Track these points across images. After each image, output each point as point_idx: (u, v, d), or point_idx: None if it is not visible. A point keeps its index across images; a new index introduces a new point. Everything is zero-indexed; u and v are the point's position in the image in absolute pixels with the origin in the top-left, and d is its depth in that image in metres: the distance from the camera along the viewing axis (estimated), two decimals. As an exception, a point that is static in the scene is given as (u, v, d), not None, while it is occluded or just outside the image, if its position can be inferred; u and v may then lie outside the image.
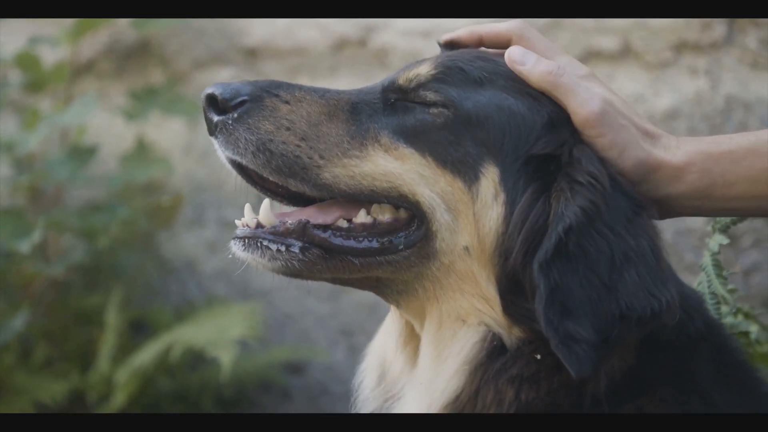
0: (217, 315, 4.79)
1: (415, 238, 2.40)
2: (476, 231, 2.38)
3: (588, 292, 2.29)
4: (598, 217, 2.31)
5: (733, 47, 4.02)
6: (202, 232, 5.25)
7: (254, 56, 5.13)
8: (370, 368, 2.60)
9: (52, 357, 5.07)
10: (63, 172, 4.99)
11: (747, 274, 3.95)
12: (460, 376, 2.37)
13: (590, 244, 2.30)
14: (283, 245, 2.39)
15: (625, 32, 4.19)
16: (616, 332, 2.28)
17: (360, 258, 2.40)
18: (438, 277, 2.40)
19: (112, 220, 4.99)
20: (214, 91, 2.43)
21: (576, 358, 2.26)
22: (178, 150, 5.32)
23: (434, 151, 2.40)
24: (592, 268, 2.30)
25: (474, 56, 2.55)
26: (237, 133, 2.40)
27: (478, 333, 2.37)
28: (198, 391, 5.00)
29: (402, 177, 2.39)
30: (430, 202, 2.39)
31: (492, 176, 2.38)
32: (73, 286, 5.22)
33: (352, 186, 2.39)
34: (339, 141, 2.41)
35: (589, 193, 2.32)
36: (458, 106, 2.42)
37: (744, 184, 2.45)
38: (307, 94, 2.47)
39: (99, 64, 5.53)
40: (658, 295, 2.30)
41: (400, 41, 4.70)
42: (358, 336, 4.87)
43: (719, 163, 2.44)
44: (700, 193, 2.46)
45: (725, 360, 2.48)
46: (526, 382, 2.33)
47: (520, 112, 2.43)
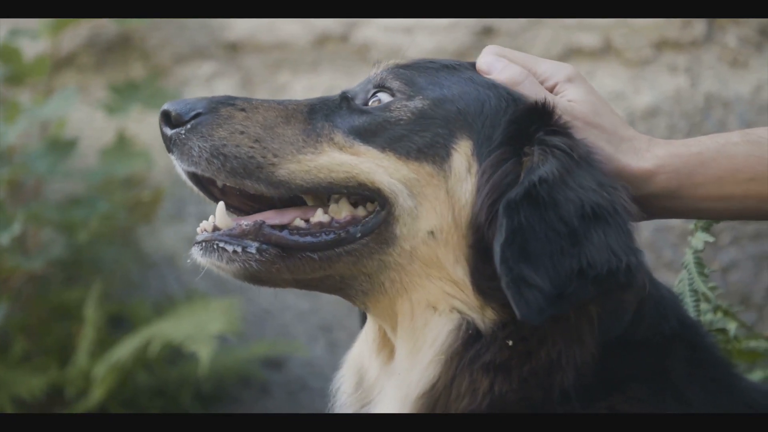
0: (197, 310, 4.79)
1: (373, 224, 2.39)
2: (451, 207, 2.38)
3: (552, 243, 2.28)
4: (571, 175, 2.32)
5: (712, 45, 4.03)
6: (183, 226, 5.24)
7: (236, 51, 5.13)
8: (347, 375, 2.58)
9: (30, 351, 5.05)
10: (43, 165, 4.97)
11: (725, 271, 3.97)
12: (435, 365, 2.36)
13: (562, 195, 2.30)
14: (240, 246, 2.38)
15: (606, 30, 4.20)
16: (572, 288, 2.27)
17: (318, 252, 2.38)
18: (402, 264, 2.39)
19: (91, 214, 4.98)
20: (167, 107, 2.44)
21: (525, 302, 2.25)
22: (159, 144, 5.21)
23: (395, 146, 2.41)
24: (562, 219, 2.29)
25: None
26: (190, 143, 2.40)
27: (451, 321, 2.36)
28: (177, 386, 4.99)
29: (359, 167, 2.40)
30: (390, 187, 2.39)
31: (465, 150, 2.40)
32: (53, 280, 5.20)
33: (309, 180, 2.40)
34: (294, 140, 2.42)
35: (563, 157, 2.34)
36: (427, 90, 2.45)
37: (711, 186, 2.47)
38: (265, 103, 2.49)
39: (80, 57, 5.51)
40: (619, 254, 2.28)
41: (382, 36, 4.70)
42: (337, 331, 4.87)
43: (688, 165, 2.46)
44: (670, 194, 2.47)
45: (701, 358, 2.47)
46: (500, 370, 2.32)
47: (499, 87, 2.47)
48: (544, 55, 4.28)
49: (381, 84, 2.49)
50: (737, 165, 2.46)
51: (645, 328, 2.42)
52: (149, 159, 5.09)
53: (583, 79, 2.55)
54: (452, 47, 4.51)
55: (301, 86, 4.95)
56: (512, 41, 4.37)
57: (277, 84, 5.02)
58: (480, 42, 4.47)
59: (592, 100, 2.50)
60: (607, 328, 2.38)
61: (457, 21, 4.49)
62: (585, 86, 2.53)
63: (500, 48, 2.60)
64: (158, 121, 2.48)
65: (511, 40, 4.38)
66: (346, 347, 2.65)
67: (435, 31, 4.56)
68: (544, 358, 2.32)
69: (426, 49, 4.56)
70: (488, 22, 4.43)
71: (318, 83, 4.90)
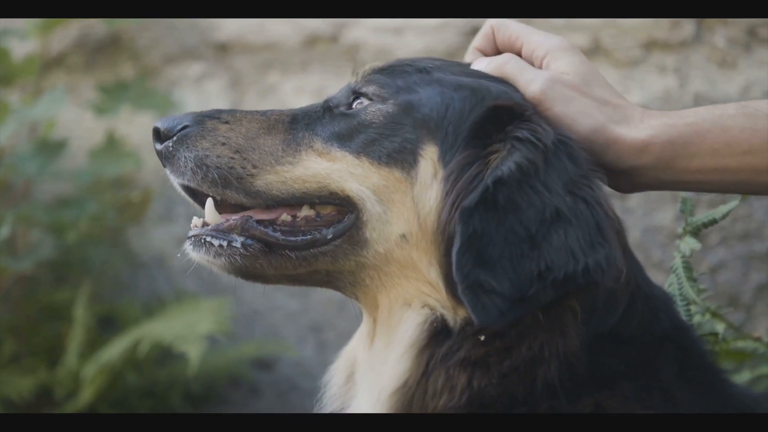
0: (186, 310, 4.78)
1: (343, 228, 2.45)
2: (416, 214, 2.41)
3: (512, 247, 2.30)
4: (534, 174, 2.33)
5: (701, 46, 4.04)
6: (172, 227, 5.24)
7: (225, 51, 5.12)
8: (340, 367, 2.62)
9: (19, 352, 5.04)
10: (32, 166, 4.96)
11: (714, 271, 3.97)
12: (405, 360, 2.40)
13: (522, 198, 2.31)
14: (226, 241, 2.45)
15: (595, 30, 4.20)
16: (533, 291, 2.28)
17: (295, 252, 2.45)
18: (378, 265, 2.44)
19: (81, 215, 4.97)
20: (157, 124, 2.54)
21: (482, 306, 2.28)
22: (148, 145, 5.23)
23: (368, 150, 2.45)
24: (521, 222, 2.30)
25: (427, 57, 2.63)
26: (177, 154, 2.49)
27: (420, 315, 2.40)
28: (166, 387, 4.99)
29: (330, 176, 2.45)
30: (358, 194, 2.43)
31: (431, 155, 2.42)
32: (42, 280, 5.19)
33: (284, 191, 2.46)
34: (273, 150, 2.49)
35: (528, 151, 2.34)
36: (398, 94, 2.48)
37: (706, 157, 2.46)
38: (249, 114, 2.57)
39: (69, 57, 5.50)
40: (579, 257, 2.29)
41: (372, 37, 4.70)
42: (327, 332, 4.87)
43: (682, 135, 2.45)
44: (664, 164, 2.46)
45: (691, 361, 2.48)
46: (477, 366, 2.34)
47: (466, 90, 2.48)
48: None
49: (358, 89, 2.54)
50: (733, 136, 2.45)
51: (635, 326, 2.43)
52: (138, 159, 5.09)
53: (574, 49, 2.56)
54: (441, 47, 4.51)
55: (290, 87, 4.95)
56: (501, 42, 4.38)
57: (267, 84, 5.02)
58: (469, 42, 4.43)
59: (584, 69, 2.51)
60: (596, 322, 2.39)
61: (446, 21, 4.49)
62: (577, 56, 2.54)
63: (499, 21, 2.64)
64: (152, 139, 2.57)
65: (500, 41, 4.38)
66: (336, 348, 2.67)
67: (424, 32, 4.57)
68: (525, 352, 2.34)
69: (415, 50, 4.57)
70: (477, 22, 4.43)
71: (307, 84, 4.90)
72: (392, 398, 2.41)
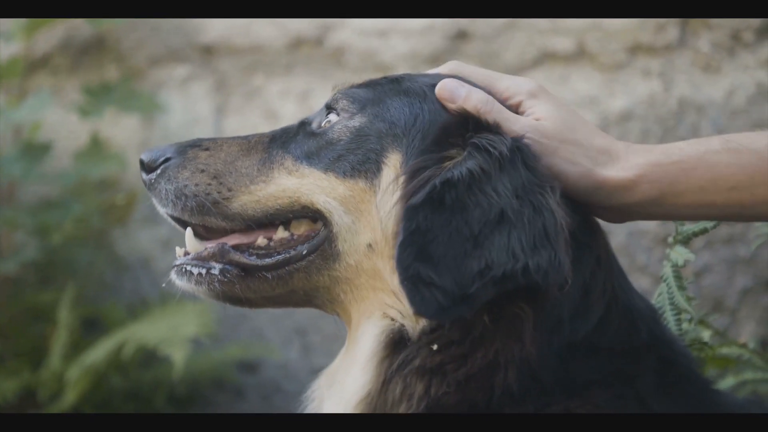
0: (171, 313, 4.78)
1: (317, 242, 2.49)
2: (379, 221, 2.44)
3: (456, 245, 2.31)
4: (486, 179, 2.34)
5: (686, 50, 4.05)
6: (157, 229, 5.23)
7: (210, 53, 5.12)
8: (322, 381, 2.63)
9: (3, 354, 5.03)
10: (16, 168, 4.95)
11: (698, 275, 3.98)
12: (365, 371, 2.42)
13: (470, 199, 2.33)
14: (204, 268, 2.53)
15: (580, 34, 4.21)
16: (474, 288, 2.29)
17: (272, 272, 2.50)
18: (350, 278, 2.48)
19: (65, 217, 4.97)
20: (142, 156, 2.61)
21: (421, 298, 2.30)
22: (133, 147, 5.29)
23: (334, 167, 2.49)
24: (466, 222, 2.32)
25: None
26: (160, 186, 2.57)
27: (378, 327, 2.43)
28: (151, 389, 4.98)
29: (300, 190, 2.50)
30: (326, 206, 2.48)
31: (394, 163, 2.45)
32: (26, 282, 5.18)
33: (259, 209, 2.52)
34: (249, 171, 2.56)
35: (482, 159, 2.35)
36: (365, 108, 2.53)
37: (693, 194, 2.47)
38: (231, 139, 2.64)
39: (54, 59, 5.49)
40: (519, 257, 2.30)
41: (357, 40, 4.71)
42: (311, 335, 4.86)
43: (669, 174, 2.46)
44: (652, 202, 2.47)
45: (672, 372, 2.47)
46: (434, 374, 2.36)
47: (431, 99, 2.50)
48: (518, 59, 4.31)
49: (331, 105, 2.58)
50: (718, 174, 2.46)
51: (611, 336, 2.43)
52: (123, 161, 5.08)
53: (546, 93, 2.53)
54: (427, 51, 4.51)
55: (275, 89, 4.95)
56: (486, 45, 4.38)
57: (252, 87, 5.01)
58: (454, 46, 4.47)
59: (561, 114, 2.49)
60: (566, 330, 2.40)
61: (431, 25, 4.50)
62: (551, 101, 2.51)
63: (459, 64, 2.60)
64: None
65: (485, 45, 4.39)
66: (321, 350, 2.69)
67: (409, 35, 4.57)
68: (480, 359, 2.35)
69: (401, 53, 4.57)
70: (463, 26, 4.44)
71: (292, 86, 4.90)
72: (356, 409, 2.43)
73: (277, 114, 4.91)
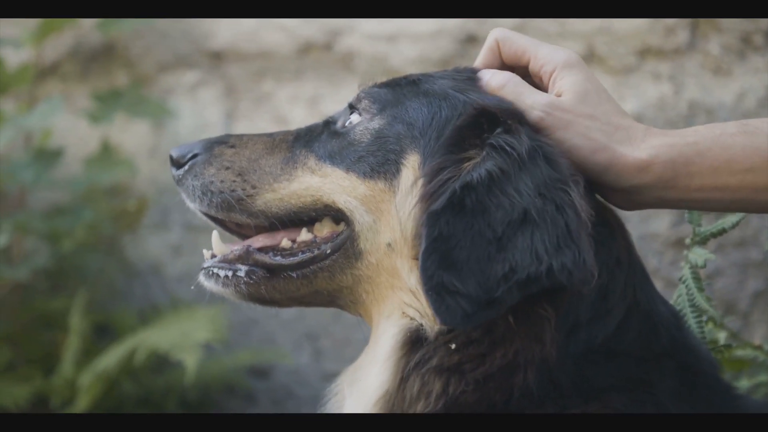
0: (182, 318, 4.79)
1: (340, 241, 2.53)
2: (398, 222, 2.46)
3: (479, 249, 2.31)
4: (506, 179, 2.34)
5: (695, 53, 4.05)
6: (167, 235, 5.24)
7: (219, 59, 5.13)
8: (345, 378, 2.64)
9: (15, 361, 5.04)
10: (27, 174, 4.96)
11: (710, 278, 3.98)
12: (384, 370, 2.45)
13: (491, 201, 2.33)
14: (231, 271, 2.58)
15: (589, 37, 4.21)
16: (500, 293, 2.29)
17: (296, 271, 2.55)
18: (371, 276, 2.51)
19: (76, 223, 4.98)
20: (171, 152, 2.68)
21: (446, 308, 2.30)
22: (143, 153, 5.30)
23: (356, 167, 2.53)
24: (489, 225, 2.32)
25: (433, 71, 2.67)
26: (188, 182, 2.65)
27: (396, 326, 2.46)
28: (162, 395, 4.98)
29: (322, 189, 2.55)
30: (347, 206, 2.52)
31: (413, 164, 2.47)
32: (37, 289, 5.19)
33: (282, 207, 2.58)
34: (272, 170, 2.61)
35: (501, 159, 2.36)
36: (385, 109, 2.55)
37: (707, 175, 2.46)
38: (256, 137, 2.69)
39: (63, 66, 5.50)
40: (543, 258, 2.30)
41: (366, 45, 4.71)
42: (323, 340, 4.87)
43: (683, 154, 2.46)
44: (665, 184, 2.47)
45: (693, 379, 2.47)
46: (452, 373, 2.37)
47: (449, 99, 2.52)
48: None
49: (354, 105, 2.61)
50: (733, 155, 2.46)
51: (631, 341, 2.43)
52: (133, 167, 5.09)
53: (581, 64, 2.55)
54: (436, 55, 4.51)
55: (284, 94, 4.95)
56: (496, 49, 4.38)
57: (261, 92, 5.02)
58: (464, 50, 4.48)
59: (585, 87, 2.50)
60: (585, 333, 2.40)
61: (440, 29, 4.50)
62: (582, 73, 2.53)
63: (504, 30, 2.63)
64: None
65: (495, 49, 4.38)
66: (332, 355, 2.70)
67: (418, 40, 4.57)
68: (499, 359, 2.36)
69: (409, 58, 4.57)
70: (472, 30, 4.44)
71: (301, 92, 4.91)
72: (375, 407, 2.45)
73: (287, 119, 4.92)
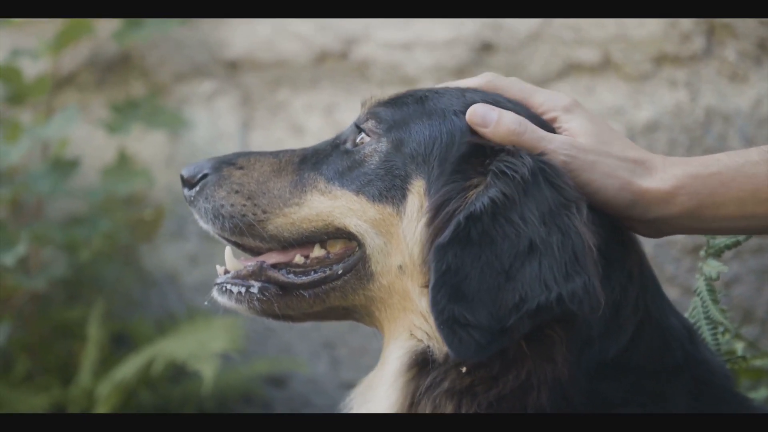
0: (199, 328, 4.79)
1: (352, 262, 2.53)
2: (406, 245, 2.46)
3: (489, 280, 2.31)
4: (510, 206, 2.34)
5: (712, 59, 4.04)
6: (184, 244, 5.24)
7: (235, 68, 5.14)
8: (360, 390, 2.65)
9: (32, 370, 5.05)
10: (45, 185, 4.98)
11: (727, 286, 3.96)
12: (392, 391, 2.46)
13: (497, 232, 2.33)
14: (244, 287, 2.59)
15: (605, 44, 4.20)
16: (512, 322, 2.29)
17: (309, 290, 2.56)
18: (383, 298, 2.51)
19: (93, 233, 4.99)
20: (182, 172, 2.68)
21: (459, 341, 2.30)
22: (160, 162, 5.31)
23: (365, 190, 2.52)
24: (496, 256, 2.32)
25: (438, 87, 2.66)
26: (199, 204, 2.65)
27: (403, 348, 2.47)
28: (180, 404, 4.98)
29: (332, 213, 2.54)
30: (358, 229, 2.52)
31: (418, 190, 2.47)
32: (55, 299, 5.21)
33: (294, 231, 2.58)
34: (281, 193, 2.61)
35: (504, 184, 2.35)
36: (391, 131, 2.55)
37: (732, 206, 2.45)
38: (262, 157, 2.68)
39: (80, 76, 5.52)
40: (552, 287, 2.30)
41: (381, 54, 4.71)
42: (340, 348, 4.86)
43: (707, 186, 2.45)
44: (690, 214, 2.46)
45: (708, 393, 2.46)
46: (464, 395, 2.37)
47: (455, 121, 2.51)
48: (543, 71, 4.30)
49: (359, 124, 2.61)
50: (758, 184, 2.44)
51: (643, 355, 2.43)
52: (150, 177, 5.10)
53: (581, 108, 2.55)
54: (451, 64, 4.51)
55: (300, 103, 4.96)
56: (511, 57, 4.38)
57: (277, 101, 5.03)
58: (479, 58, 4.47)
59: (596, 129, 2.50)
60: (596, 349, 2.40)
61: (456, 37, 4.50)
62: (585, 115, 2.52)
63: (496, 76, 2.62)
64: None
65: (509, 57, 4.38)
66: (349, 364, 2.70)
67: (434, 48, 4.57)
68: (512, 380, 2.36)
69: (425, 66, 4.57)
70: (487, 38, 4.44)
71: (317, 100, 4.91)
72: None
73: (303, 128, 4.92)
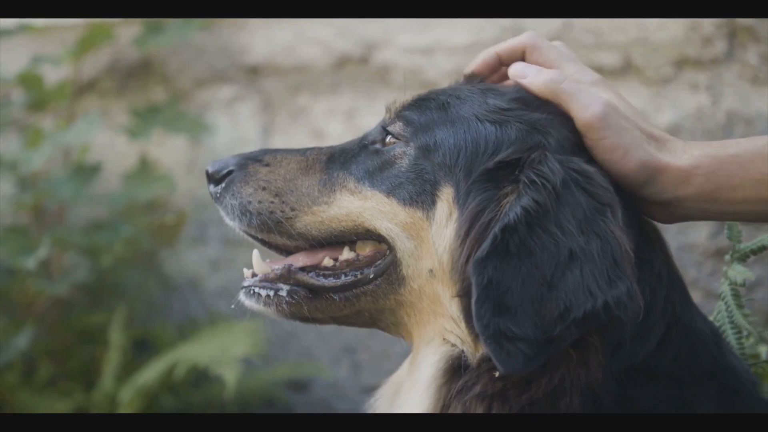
0: (221, 333, 4.80)
1: (383, 266, 2.52)
2: (435, 251, 2.45)
3: (531, 291, 2.30)
4: (545, 215, 2.33)
5: (733, 63, 4.03)
6: (205, 249, 5.26)
7: (255, 74, 5.15)
8: (385, 393, 2.67)
9: (55, 375, 5.07)
10: (66, 190, 4.99)
11: (750, 289, 3.95)
12: (425, 397, 2.45)
13: (535, 242, 2.32)
14: (272, 290, 2.58)
15: (626, 48, 4.20)
16: (558, 331, 2.28)
17: (339, 293, 2.55)
18: (413, 302, 2.51)
19: (115, 239, 5.00)
20: (208, 168, 2.68)
21: (506, 355, 2.29)
22: (181, 168, 5.33)
23: (396, 192, 2.51)
24: (537, 266, 2.31)
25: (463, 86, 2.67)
26: (226, 201, 2.64)
27: (437, 353, 2.46)
28: (201, 409, 4.99)
29: (363, 215, 2.53)
30: (389, 233, 2.51)
31: (447, 197, 2.46)
32: (77, 304, 5.22)
33: (323, 230, 2.57)
34: (310, 191, 2.60)
35: (536, 193, 2.34)
36: (417, 136, 2.53)
37: (750, 188, 2.45)
38: (289, 155, 2.67)
39: (101, 82, 5.54)
40: (596, 294, 2.29)
41: (402, 58, 4.72)
42: (361, 353, 4.87)
43: (725, 167, 2.44)
44: (707, 196, 2.46)
45: (735, 401, 2.45)
46: (495, 399, 2.36)
47: (479, 129, 2.49)
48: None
49: (387, 127, 2.60)
50: None
51: (670, 360, 2.42)
52: (171, 183, 5.11)
53: (609, 85, 2.56)
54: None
55: (320, 109, 4.96)
56: (532, 61, 4.37)
57: (297, 106, 5.03)
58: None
59: (623, 104, 2.51)
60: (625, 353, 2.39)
61: (476, 41, 4.50)
62: (613, 90, 2.54)
63: (536, 38, 2.63)
64: None
65: (531, 61, 4.38)
66: (370, 369, 2.70)
67: (454, 52, 4.58)
68: (545, 384, 2.35)
69: (445, 70, 4.57)
70: (508, 42, 4.43)
71: (338, 105, 4.92)
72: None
73: (323, 133, 4.93)
